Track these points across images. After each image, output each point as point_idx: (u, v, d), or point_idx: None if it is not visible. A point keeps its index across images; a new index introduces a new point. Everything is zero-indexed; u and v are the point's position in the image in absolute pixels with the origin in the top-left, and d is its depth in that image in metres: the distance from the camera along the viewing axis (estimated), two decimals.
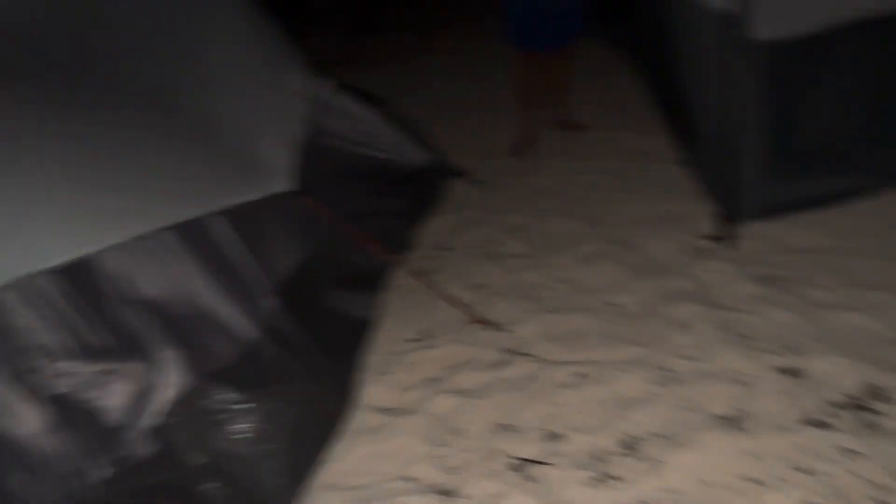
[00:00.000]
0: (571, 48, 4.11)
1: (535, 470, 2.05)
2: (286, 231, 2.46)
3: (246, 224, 2.20)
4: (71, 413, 1.77)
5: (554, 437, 2.16)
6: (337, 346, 2.48)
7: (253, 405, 1.92)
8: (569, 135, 4.34)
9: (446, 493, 2.03)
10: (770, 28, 2.75)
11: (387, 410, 2.39)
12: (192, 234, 2.05)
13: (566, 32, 3.96)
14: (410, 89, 5.75)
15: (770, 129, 2.91)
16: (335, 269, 2.75)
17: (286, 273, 2.41)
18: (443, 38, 7.20)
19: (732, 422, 2.08)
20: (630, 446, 2.07)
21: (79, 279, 1.81)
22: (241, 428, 1.90)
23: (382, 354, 2.68)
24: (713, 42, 3.01)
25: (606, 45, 5.53)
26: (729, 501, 1.84)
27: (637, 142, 4.06)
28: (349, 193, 3.18)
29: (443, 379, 2.50)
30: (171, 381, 1.90)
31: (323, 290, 2.66)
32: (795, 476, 1.88)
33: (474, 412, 2.32)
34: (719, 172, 3.07)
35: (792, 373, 2.22)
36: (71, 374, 1.76)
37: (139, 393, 1.85)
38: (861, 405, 2.06)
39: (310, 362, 2.20)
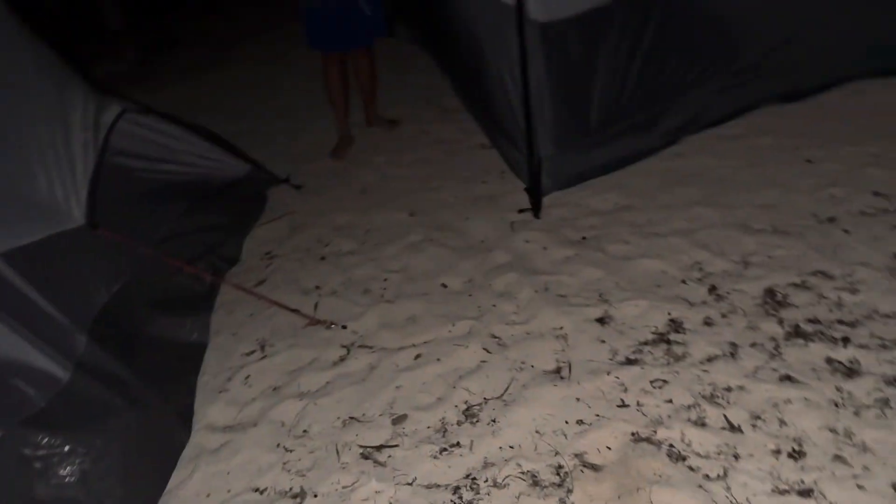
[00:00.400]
0: (370, 47, 4.19)
1: (384, 454, 2.10)
2: (88, 266, 2.32)
3: (32, 266, 2.05)
4: None
5: (399, 419, 2.22)
6: (164, 372, 2.39)
7: (71, 446, 1.80)
8: (382, 131, 4.43)
9: (298, 495, 2.03)
10: (546, 10, 2.98)
11: (228, 428, 2.34)
12: None
13: (363, 32, 4.02)
14: (215, 102, 5.59)
15: (559, 104, 3.15)
16: (154, 296, 2.63)
17: (97, 307, 2.27)
18: (247, 48, 7.04)
19: (557, 374, 2.24)
20: (470, 414, 2.18)
21: None
22: (65, 472, 1.78)
23: (218, 372, 2.61)
24: (498, 28, 3.20)
25: (410, 42, 5.69)
26: (561, 445, 1.99)
27: (446, 132, 4.21)
28: (162, 215, 3.05)
29: (284, 385, 2.48)
30: None
31: (143, 318, 2.54)
32: (617, 412, 2.07)
33: (319, 412, 2.33)
34: (520, 151, 3.27)
35: (604, 321, 2.44)
36: None
37: None
38: (664, 339, 2.30)
39: (133, 393, 2.10)
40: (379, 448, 2.13)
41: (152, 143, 3.13)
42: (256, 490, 2.08)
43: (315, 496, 2.02)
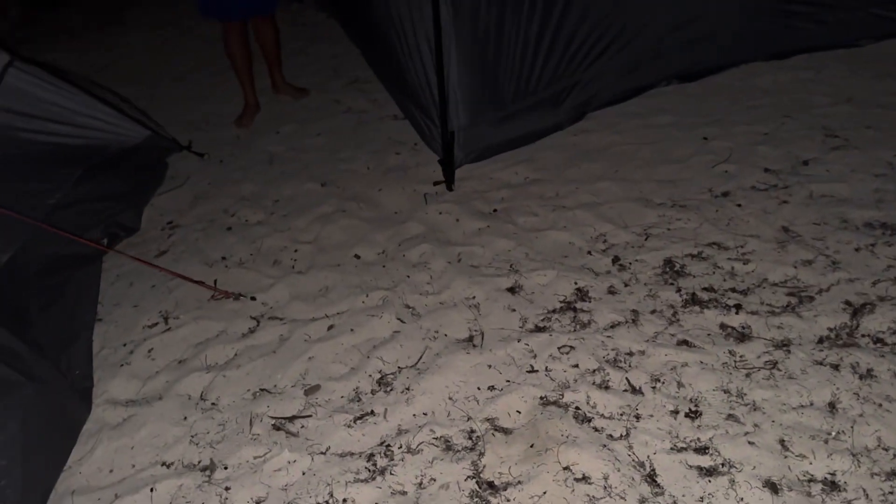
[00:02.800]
0: (270, 15, 4.02)
1: (297, 425, 2.08)
2: None
3: None
4: None
5: (312, 390, 2.20)
6: (58, 345, 2.26)
7: None
8: (290, 100, 4.31)
9: (208, 468, 1.98)
10: None
11: (131, 402, 2.25)
12: None
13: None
14: (107, 65, 5.28)
15: (472, 77, 3.16)
16: (44, 266, 2.48)
17: None
18: (142, 10, 6.65)
19: (469, 342, 2.28)
20: (384, 382, 2.19)
21: None
22: None
23: (119, 346, 2.50)
24: (410, 3, 3.18)
25: (318, 9, 5.55)
26: (473, 410, 2.04)
27: (356, 102, 4.16)
28: (52, 180, 2.87)
29: (190, 358, 2.41)
30: None
31: (34, 289, 2.39)
32: (526, 377, 2.13)
33: (228, 385, 2.28)
34: (433, 123, 3.27)
35: (514, 290, 2.49)
36: None
37: None
38: (571, 307, 2.38)
39: (28, 367, 1.98)
40: (291, 419, 2.11)
41: (42, 101, 2.93)
42: (163, 464, 2.01)
43: (225, 468, 1.98)
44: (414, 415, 2.06)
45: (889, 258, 2.37)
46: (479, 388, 2.11)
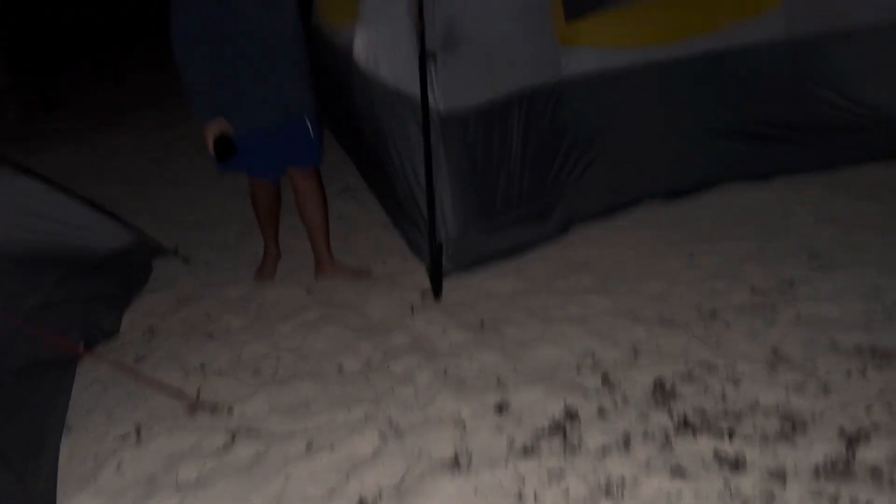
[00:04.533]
0: (312, 171, 3.28)
1: None
2: None
3: None
4: None
5: None
6: (24, 455, 2.15)
7: None
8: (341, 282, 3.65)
9: None
10: (447, 101, 3.08)
11: None
12: None
13: (295, 153, 3.20)
14: (101, 167, 5.35)
15: (460, 190, 3.22)
16: (18, 366, 2.40)
17: None
18: (138, 114, 6.80)
19: (455, 463, 2.19)
20: None
21: None
22: None
23: (87, 457, 2.37)
24: (402, 116, 3.27)
25: None
26: None
27: (346, 209, 4.19)
28: (33, 281, 2.82)
29: (161, 475, 2.28)
30: None
31: (4, 396, 2.29)
32: None
33: None
34: (422, 233, 3.30)
35: (501, 407, 2.42)
36: None
37: None
38: (560, 428, 2.31)
39: None
40: None
41: (26, 205, 2.93)
42: None
43: None
44: None
45: (881, 383, 2.34)
46: None
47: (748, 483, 2.00)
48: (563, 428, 2.30)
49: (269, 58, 2.96)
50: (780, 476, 2.01)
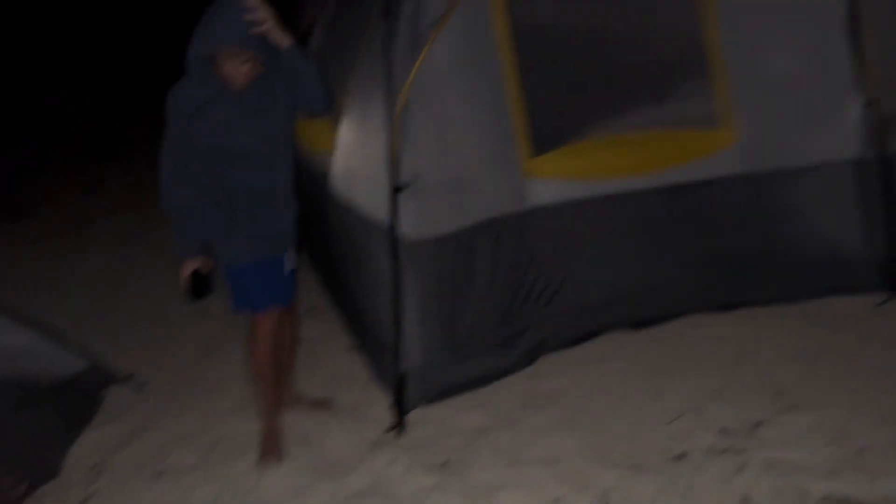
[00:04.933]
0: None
1: None
2: None
3: None
4: None
5: None
6: None
7: None
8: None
9: None
10: (415, 229, 3.10)
11: None
12: None
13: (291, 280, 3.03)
14: (61, 279, 5.24)
15: (427, 319, 3.19)
16: None
17: None
18: (105, 224, 6.74)
19: None
20: None
21: None
22: None
23: None
24: (370, 241, 3.29)
25: None
26: None
27: (311, 330, 4.11)
28: None
29: None
30: None
31: None
32: None
33: None
34: (387, 361, 3.24)
35: None
36: None
37: None
38: None
39: None
40: None
41: None
42: None
43: None
44: None
45: None
46: None
47: None
48: None
49: (267, 178, 2.82)
50: None
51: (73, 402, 3.24)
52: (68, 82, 11.07)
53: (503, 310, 3.40)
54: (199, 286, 2.79)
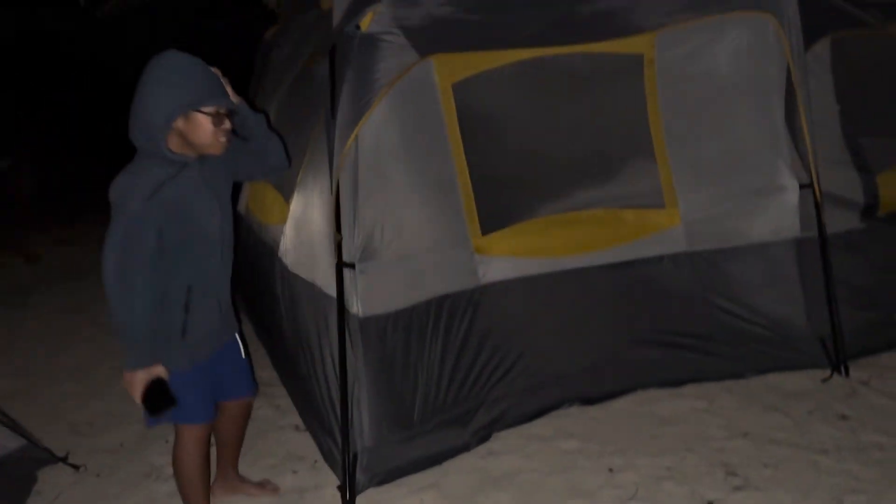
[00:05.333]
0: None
1: None
2: None
3: None
4: None
5: None
6: None
7: None
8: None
9: None
10: (366, 305, 3.09)
11: None
12: None
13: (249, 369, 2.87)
14: None
15: (377, 397, 3.13)
16: None
17: None
18: (43, 293, 6.52)
19: None
20: None
21: None
22: None
23: None
24: (320, 316, 3.25)
25: None
26: None
27: (257, 406, 3.98)
28: None
29: None
30: None
31: None
32: None
33: None
34: (335, 442, 3.15)
35: None
36: None
37: None
38: None
39: None
40: None
41: None
42: None
43: None
44: None
45: None
46: None
47: None
48: None
49: (226, 263, 2.61)
50: None
51: (4, 484, 3.04)
52: (9, 155, 10.92)
53: (456, 386, 3.37)
54: (163, 396, 2.41)
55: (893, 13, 4.10)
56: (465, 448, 3.37)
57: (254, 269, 4.19)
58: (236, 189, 2.86)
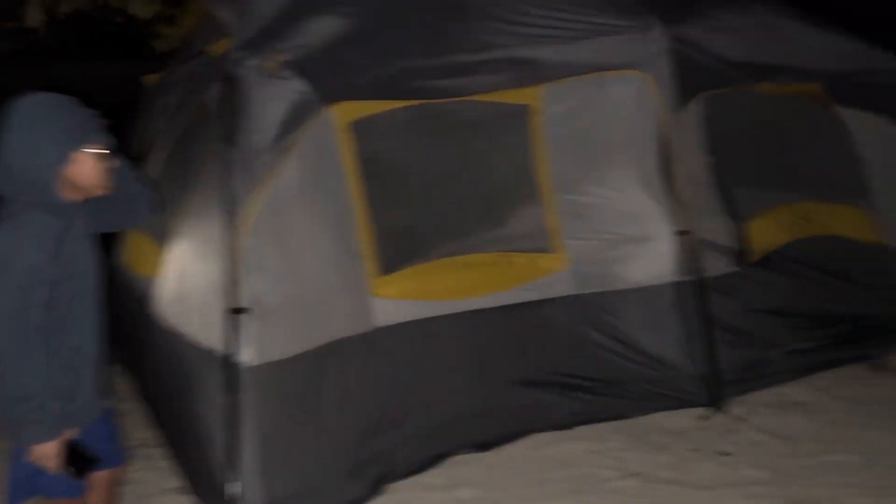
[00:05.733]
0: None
1: None
2: None
3: None
4: None
5: None
6: None
7: None
8: None
9: None
10: (257, 356, 2.98)
11: None
12: None
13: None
14: None
15: (269, 452, 3.00)
16: None
17: None
18: None
19: None
20: None
21: None
22: None
23: None
24: (206, 372, 3.11)
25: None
26: None
27: (134, 470, 3.72)
28: None
29: None
30: None
31: None
32: None
33: None
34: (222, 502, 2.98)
35: None
36: None
37: None
38: None
39: None
40: None
41: None
42: None
43: None
44: None
45: None
46: None
47: None
48: None
49: (100, 324, 2.44)
50: None
51: None
52: None
53: (350, 436, 3.28)
54: (85, 455, 2.26)
55: (760, 74, 4.46)
56: (361, 501, 3.27)
57: (132, 324, 3.97)
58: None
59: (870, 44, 4.88)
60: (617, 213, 3.92)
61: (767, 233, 4.31)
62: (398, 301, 3.47)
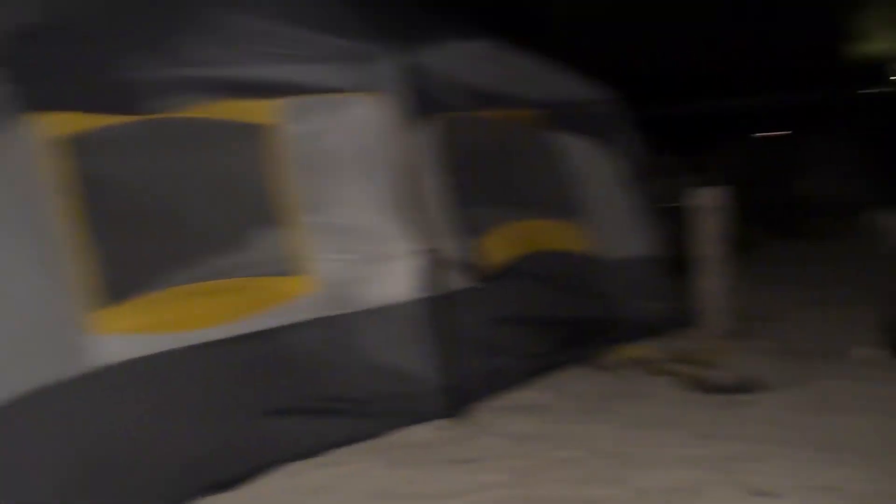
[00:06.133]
0: None
1: None
2: None
3: None
4: None
5: None
6: None
7: None
8: None
9: None
10: None
11: None
12: None
13: None
14: None
15: None
16: None
17: None
18: None
19: None
20: None
21: None
22: None
23: None
24: None
25: None
26: None
27: None
28: None
29: None
30: None
31: None
32: None
33: None
34: None
35: None
36: None
37: None
38: None
39: None
40: None
41: None
42: None
43: None
44: None
45: None
46: None
47: None
48: None
49: None
50: None
51: None
52: None
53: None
54: None
55: (490, 101, 4.80)
56: None
57: None
58: None
59: (585, 76, 5.51)
60: (361, 234, 3.98)
61: (500, 249, 4.67)
62: (127, 335, 3.17)
